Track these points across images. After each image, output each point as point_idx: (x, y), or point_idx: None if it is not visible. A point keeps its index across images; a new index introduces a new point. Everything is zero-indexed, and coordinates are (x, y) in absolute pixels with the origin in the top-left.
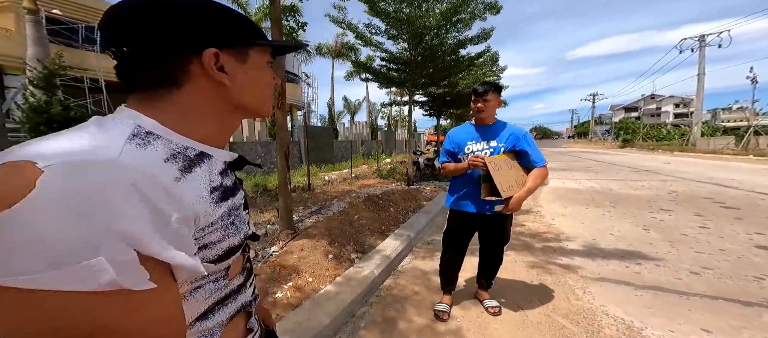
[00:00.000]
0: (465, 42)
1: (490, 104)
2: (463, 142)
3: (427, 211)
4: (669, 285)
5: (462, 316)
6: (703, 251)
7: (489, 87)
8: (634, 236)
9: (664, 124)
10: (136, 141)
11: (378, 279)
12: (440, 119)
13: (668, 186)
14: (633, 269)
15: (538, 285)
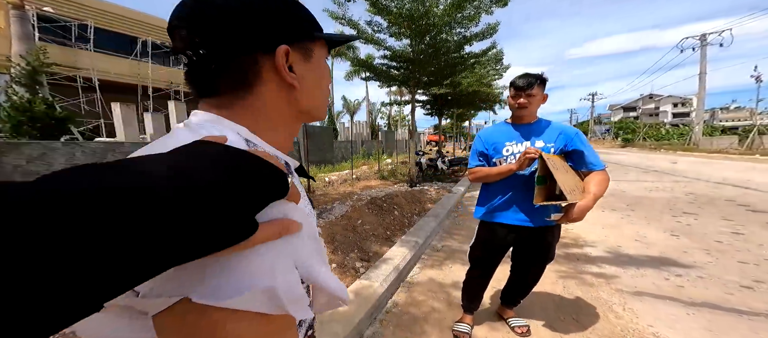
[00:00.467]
0: (470, 38)
1: (535, 99)
2: (499, 143)
3: (435, 215)
4: (723, 302)
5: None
6: (746, 261)
7: (533, 79)
8: (664, 243)
9: (663, 124)
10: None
11: (387, 293)
12: (441, 119)
13: (683, 187)
14: (674, 281)
15: (570, 300)
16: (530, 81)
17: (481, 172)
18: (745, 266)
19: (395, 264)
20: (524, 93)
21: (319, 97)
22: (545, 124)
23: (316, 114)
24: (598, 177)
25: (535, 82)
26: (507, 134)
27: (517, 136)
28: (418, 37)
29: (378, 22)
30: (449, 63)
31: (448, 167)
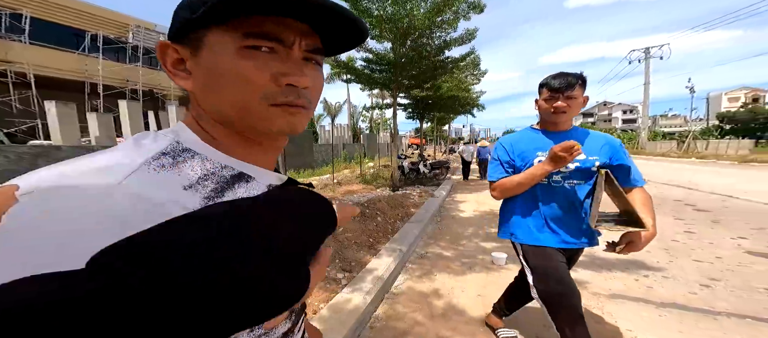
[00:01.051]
0: (450, 43)
1: (576, 103)
2: (529, 151)
3: (418, 220)
4: (688, 302)
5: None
6: (701, 259)
7: (574, 78)
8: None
9: (615, 129)
10: (161, 161)
11: (371, 307)
12: (423, 122)
13: None
14: (643, 282)
15: None
16: (570, 81)
17: (510, 183)
18: (700, 264)
19: (379, 274)
20: (563, 95)
21: (227, 94)
22: (583, 132)
23: (235, 116)
24: (642, 195)
25: (575, 82)
26: (537, 142)
27: (550, 145)
28: (399, 39)
29: None
30: (430, 67)
31: (429, 170)
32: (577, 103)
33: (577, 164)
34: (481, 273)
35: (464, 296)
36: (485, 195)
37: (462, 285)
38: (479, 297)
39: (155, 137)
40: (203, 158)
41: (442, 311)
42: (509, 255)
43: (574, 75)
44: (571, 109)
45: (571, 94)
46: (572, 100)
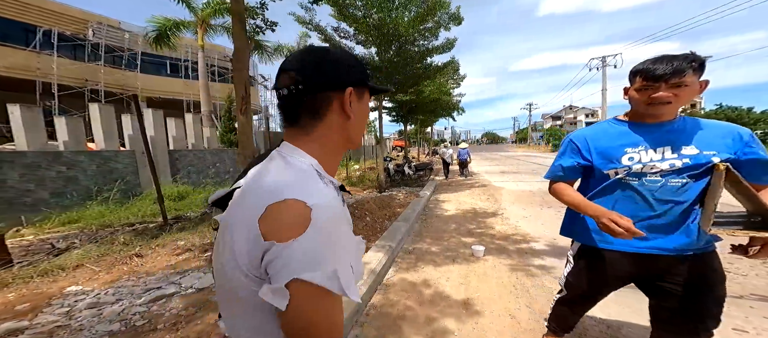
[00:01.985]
0: (432, 51)
1: (688, 91)
2: (614, 148)
3: (405, 219)
4: None
5: (459, 329)
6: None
7: (685, 63)
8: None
9: None
10: (324, 181)
11: (366, 296)
12: (406, 125)
13: None
14: None
15: (522, 290)
16: (678, 66)
17: (565, 196)
18: None
19: (371, 267)
20: (667, 83)
21: (361, 128)
22: (692, 123)
23: (357, 141)
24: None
25: (686, 67)
26: (626, 138)
27: (642, 140)
28: (384, 45)
29: (345, 29)
30: (414, 73)
31: (414, 172)
32: (688, 91)
33: (686, 160)
34: (463, 264)
35: (449, 284)
36: (465, 195)
37: (446, 276)
38: (461, 285)
39: (302, 161)
40: (328, 179)
41: (430, 298)
42: (487, 247)
43: (685, 57)
44: (679, 98)
45: (682, 80)
46: (683, 89)
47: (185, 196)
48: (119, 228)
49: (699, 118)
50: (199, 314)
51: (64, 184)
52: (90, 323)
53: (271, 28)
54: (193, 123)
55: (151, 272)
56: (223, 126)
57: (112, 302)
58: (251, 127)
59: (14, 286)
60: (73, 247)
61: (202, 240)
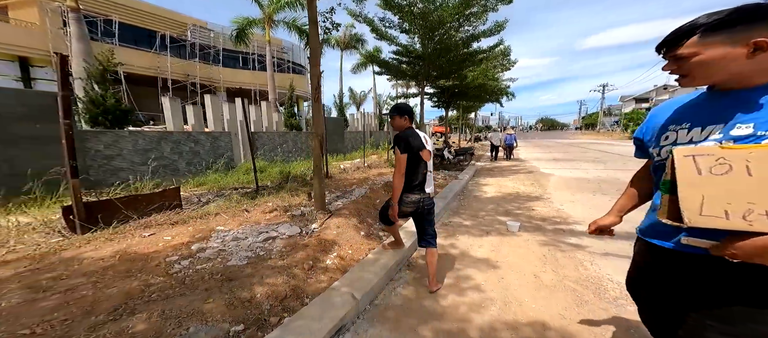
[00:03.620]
0: (478, 35)
1: (699, 62)
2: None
3: (443, 197)
4: None
5: (485, 280)
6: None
7: (689, 26)
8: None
9: None
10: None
11: (408, 252)
12: (448, 111)
13: None
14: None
15: (550, 259)
16: (673, 33)
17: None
18: None
19: (412, 230)
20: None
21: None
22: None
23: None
24: None
25: (683, 33)
26: (684, 110)
27: (696, 114)
28: (428, 33)
29: (390, 19)
30: (458, 58)
31: (454, 156)
32: (700, 61)
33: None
34: (495, 237)
35: (480, 250)
36: (508, 179)
37: (479, 244)
38: (492, 251)
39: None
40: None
41: (460, 256)
42: (523, 226)
43: (684, 25)
44: (690, 70)
45: (675, 52)
46: (685, 61)
47: (264, 170)
48: (230, 191)
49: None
50: (293, 251)
51: (193, 157)
52: (235, 250)
53: (337, 28)
54: (266, 109)
55: (257, 222)
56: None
57: (243, 238)
58: (322, 112)
59: (189, 223)
60: (210, 202)
61: (282, 202)
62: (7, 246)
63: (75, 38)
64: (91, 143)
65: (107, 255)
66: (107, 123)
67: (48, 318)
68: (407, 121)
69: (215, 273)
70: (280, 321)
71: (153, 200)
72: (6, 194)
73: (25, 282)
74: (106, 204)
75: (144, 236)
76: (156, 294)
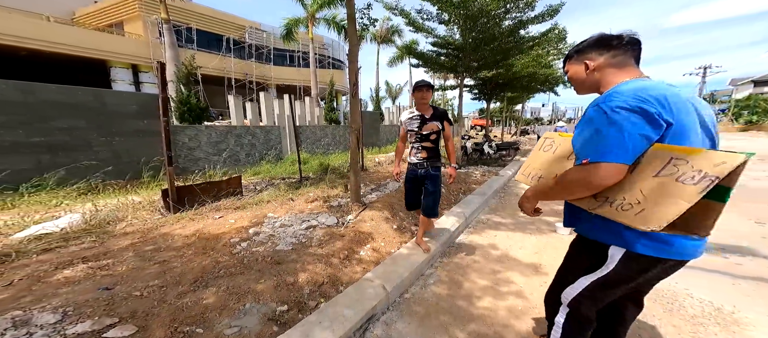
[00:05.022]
0: (525, 22)
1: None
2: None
3: (481, 194)
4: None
5: (525, 282)
6: None
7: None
8: (743, 229)
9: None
10: None
11: (441, 248)
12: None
13: None
14: (734, 260)
15: None
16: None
17: None
18: None
19: (446, 227)
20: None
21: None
22: None
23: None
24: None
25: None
26: None
27: None
28: (469, 23)
29: (428, 10)
30: (502, 48)
31: (495, 151)
32: (569, 76)
33: None
34: (540, 237)
35: (521, 252)
36: None
37: (520, 244)
38: (535, 253)
39: None
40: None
41: (498, 258)
42: None
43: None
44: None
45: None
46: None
47: (306, 162)
48: (279, 180)
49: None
50: (330, 240)
51: (251, 149)
52: (282, 235)
53: (374, 24)
54: (309, 104)
55: (301, 210)
56: (326, 106)
57: (289, 225)
58: (359, 106)
59: (248, 209)
60: (263, 190)
61: (322, 193)
62: (126, 220)
63: (168, 46)
64: (179, 137)
65: (190, 233)
66: (190, 119)
67: (151, 283)
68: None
69: (266, 256)
70: (317, 306)
71: (222, 187)
72: (130, 177)
73: (137, 252)
74: (189, 189)
75: (215, 218)
76: (223, 271)
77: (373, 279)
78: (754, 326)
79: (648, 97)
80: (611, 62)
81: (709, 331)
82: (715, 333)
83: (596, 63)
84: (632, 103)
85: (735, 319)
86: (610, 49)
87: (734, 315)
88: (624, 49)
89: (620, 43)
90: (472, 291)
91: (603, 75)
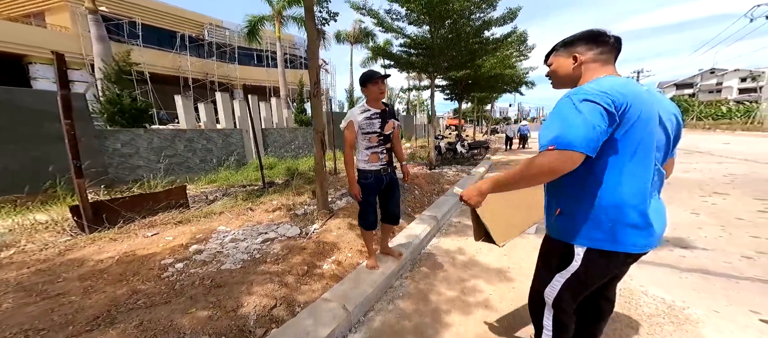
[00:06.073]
0: (489, 23)
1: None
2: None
3: (453, 194)
4: (717, 269)
5: (493, 291)
6: (759, 236)
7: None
8: (681, 221)
9: (725, 101)
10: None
11: (411, 257)
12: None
13: (724, 168)
14: (678, 253)
15: None
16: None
17: None
18: (755, 240)
19: (416, 233)
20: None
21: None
22: None
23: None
24: None
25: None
26: None
27: None
28: (437, 23)
29: (396, 11)
30: (469, 48)
31: (467, 150)
32: (552, 70)
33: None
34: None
35: (491, 255)
36: None
37: (489, 247)
38: (504, 256)
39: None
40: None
41: (465, 263)
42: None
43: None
44: (550, 76)
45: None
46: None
47: (273, 166)
48: (238, 188)
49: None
50: (289, 255)
51: (205, 154)
52: (232, 252)
53: (334, 18)
54: (276, 106)
55: (259, 221)
56: (296, 108)
57: (241, 239)
58: (322, 106)
59: (193, 223)
60: (216, 200)
61: (287, 201)
62: (17, 245)
63: (95, 40)
64: (108, 142)
65: (107, 256)
66: (124, 122)
67: (27, 326)
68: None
69: (206, 278)
70: (266, 334)
71: (159, 199)
72: (31, 191)
73: (23, 285)
74: (113, 204)
75: (147, 236)
76: (142, 301)
77: (333, 298)
78: (703, 323)
79: (616, 92)
80: (598, 58)
81: (665, 331)
82: (670, 332)
83: (584, 57)
84: (601, 97)
85: (686, 316)
86: (600, 45)
87: (685, 312)
88: (610, 47)
89: (609, 41)
90: (437, 304)
91: (587, 69)
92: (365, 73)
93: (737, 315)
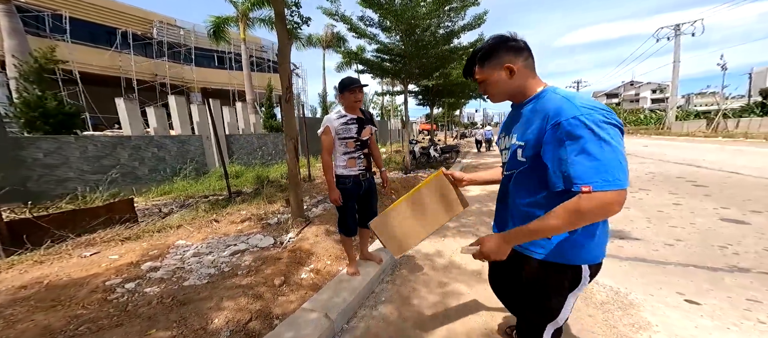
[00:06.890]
0: (457, 31)
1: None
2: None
3: None
4: (648, 256)
5: (473, 293)
6: (676, 225)
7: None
8: (616, 215)
9: (642, 109)
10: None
11: (391, 261)
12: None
13: (646, 168)
14: (616, 243)
15: None
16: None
17: None
18: (673, 229)
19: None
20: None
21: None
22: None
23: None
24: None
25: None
26: (506, 120)
27: (508, 124)
28: (407, 31)
29: (369, 17)
30: (439, 56)
31: (440, 155)
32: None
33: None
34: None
35: (468, 258)
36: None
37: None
38: None
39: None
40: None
41: (444, 266)
42: None
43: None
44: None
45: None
46: (482, 85)
47: (240, 175)
48: (198, 199)
49: (560, 95)
50: (263, 266)
51: (157, 163)
52: (196, 267)
53: (306, 22)
54: (242, 111)
55: (226, 234)
56: (265, 113)
57: (206, 253)
58: (294, 113)
59: (144, 238)
60: (172, 212)
61: (257, 210)
62: None
63: (6, 33)
64: (27, 152)
65: (31, 281)
66: (48, 127)
67: None
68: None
69: (166, 296)
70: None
71: (97, 214)
72: None
73: None
74: (39, 221)
75: (84, 256)
76: (84, 327)
77: (313, 307)
78: (642, 306)
79: (604, 107)
80: (528, 65)
81: (615, 316)
82: (619, 317)
83: (517, 66)
84: (612, 115)
85: (630, 301)
86: (522, 52)
87: (629, 298)
88: (529, 52)
89: (527, 47)
90: (420, 308)
91: (524, 80)
92: (344, 80)
93: (667, 297)
